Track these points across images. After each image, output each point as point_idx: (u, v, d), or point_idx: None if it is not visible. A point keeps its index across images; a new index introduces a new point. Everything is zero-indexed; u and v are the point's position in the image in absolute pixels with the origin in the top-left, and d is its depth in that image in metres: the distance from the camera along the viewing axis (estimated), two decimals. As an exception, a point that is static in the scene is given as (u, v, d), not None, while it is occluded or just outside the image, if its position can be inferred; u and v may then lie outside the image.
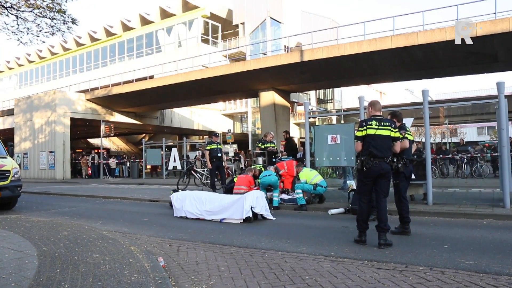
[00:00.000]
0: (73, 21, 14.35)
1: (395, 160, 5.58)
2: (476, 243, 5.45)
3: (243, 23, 33.31)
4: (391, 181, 5.96)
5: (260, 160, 11.81)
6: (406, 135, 6.16)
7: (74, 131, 29.20)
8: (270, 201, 9.28)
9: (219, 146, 12.20)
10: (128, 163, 27.41)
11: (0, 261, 4.60)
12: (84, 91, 29.45)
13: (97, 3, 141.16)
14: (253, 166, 11.17)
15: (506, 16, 15.20)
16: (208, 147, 12.17)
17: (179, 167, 21.28)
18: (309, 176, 9.27)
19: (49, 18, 13.96)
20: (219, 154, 12.01)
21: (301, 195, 9.03)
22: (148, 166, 26.14)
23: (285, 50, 29.32)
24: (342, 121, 32.91)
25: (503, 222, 7.05)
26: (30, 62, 46.83)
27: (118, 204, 11.85)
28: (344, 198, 9.71)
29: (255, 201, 7.76)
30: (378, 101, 5.83)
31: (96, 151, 30.21)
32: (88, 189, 16.89)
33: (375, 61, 18.40)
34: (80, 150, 34.33)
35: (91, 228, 7.06)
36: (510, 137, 10.23)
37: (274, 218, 7.96)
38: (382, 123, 5.46)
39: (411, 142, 6.81)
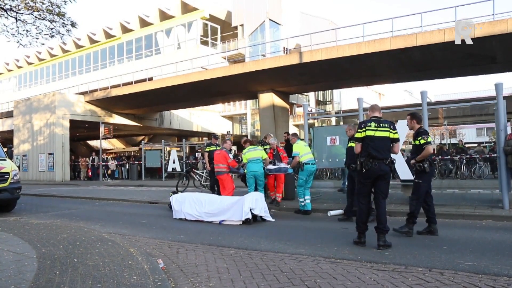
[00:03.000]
0: (73, 24, 14.34)
1: (392, 160, 5.58)
2: (475, 244, 5.46)
3: (242, 25, 33.35)
4: (416, 180, 6.07)
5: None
6: (427, 139, 6.07)
7: (73, 133, 29.17)
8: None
9: (218, 148, 12.19)
10: (127, 165, 27.42)
11: (-1, 264, 4.60)
12: (83, 93, 29.44)
13: (96, 5, 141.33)
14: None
15: (504, 17, 15.24)
16: (207, 149, 12.17)
17: (178, 169, 21.29)
18: (303, 149, 8.82)
19: (49, 21, 13.95)
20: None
21: (308, 201, 8.83)
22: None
23: (284, 52, 29.32)
24: (341, 123, 32.97)
25: (502, 223, 7.07)
26: (29, 64, 46.80)
27: (117, 206, 11.85)
28: (344, 200, 9.70)
29: (254, 202, 7.77)
30: (376, 104, 5.89)
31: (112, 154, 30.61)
32: (88, 191, 16.87)
33: (374, 62, 18.42)
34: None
35: (90, 230, 7.06)
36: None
37: (273, 220, 7.97)
38: (381, 125, 5.48)
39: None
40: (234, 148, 11.52)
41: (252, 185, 9.28)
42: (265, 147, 12.05)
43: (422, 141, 6.03)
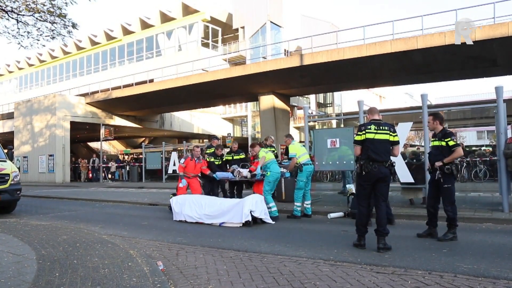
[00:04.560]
0: (74, 26, 14.39)
1: (392, 163, 5.55)
2: (475, 247, 5.46)
3: (243, 27, 33.37)
4: (445, 185, 5.88)
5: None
6: (456, 141, 5.93)
7: (73, 135, 29.23)
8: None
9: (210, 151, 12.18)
10: (127, 167, 27.45)
11: (-1, 265, 4.61)
12: (84, 95, 29.50)
13: (97, 7, 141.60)
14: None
15: (504, 20, 15.26)
16: (207, 151, 12.16)
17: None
18: (299, 150, 8.60)
19: (50, 22, 14.00)
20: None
21: (299, 208, 8.56)
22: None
23: (285, 54, 29.38)
24: (342, 125, 32.95)
25: (502, 226, 7.07)
26: (30, 65, 46.88)
27: (118, 207, 11.85)
28: (344, 202, 9.72)
29: (254, 205, 7.77)
30: (375, 107, 5.87)
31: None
32: (88, 193, 16.88)
33: (374, 65, 18.45)
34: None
35: (91, 232, 7.07)
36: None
37: (273, 222, 7.96)
38: (381, 127, 5.48)
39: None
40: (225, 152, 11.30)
41: (273, 189, 8.65)
42: (266, 149, 12.04)
43: (452, 143, 5.84)
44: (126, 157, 34.47)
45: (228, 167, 10.30)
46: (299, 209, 8.58)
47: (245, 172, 9.47)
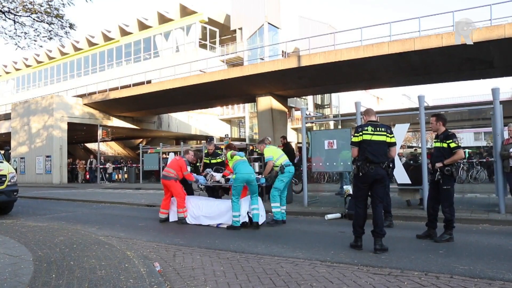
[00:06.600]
0: (71, 26, 14.37)
1: (389, 164, 5.56)
2: (471, 248, 5.48)
3: (240, 28, 33.42)
4: (444, 187, 5.87)
5: (256, 165, 11.83)
6: (458, 143, 5.89)
7: (71, 136, 29.17)
8: None
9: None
10: (125, 168, 27.40)
11: (-5, 266, 4.59)
12: (81, 96, 29.47)
13: (95, 8, 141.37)
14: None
15: (501, 22, 15.33)
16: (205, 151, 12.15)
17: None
18: (276, 153, 8.21)
19: (47, 23, 13.98)
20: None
21: (278, 209, 7.93)
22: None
23: (282, 56, 29.41)
24: (340, 126, 32.98)
25: (499, 227, 7.09)
26: (28, 66, 46.79)
27: (115, 209, 11.83)
28: (341, 203, 9.73)
29: (251, 206, 7.76)
30: (371, 108, 5.88)
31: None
32: (85, 194, 16.84)
33: (372, 66, 18.49)
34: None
35: (88, 233, 7.05)
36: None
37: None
38: (378, 129, 5.49)
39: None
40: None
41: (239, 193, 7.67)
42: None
43: (453, 145, 5.83)
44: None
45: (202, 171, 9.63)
46: (278, 210, 7.93)
47: (218, 176, 8.88)
